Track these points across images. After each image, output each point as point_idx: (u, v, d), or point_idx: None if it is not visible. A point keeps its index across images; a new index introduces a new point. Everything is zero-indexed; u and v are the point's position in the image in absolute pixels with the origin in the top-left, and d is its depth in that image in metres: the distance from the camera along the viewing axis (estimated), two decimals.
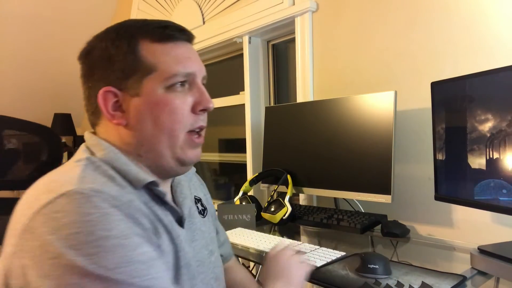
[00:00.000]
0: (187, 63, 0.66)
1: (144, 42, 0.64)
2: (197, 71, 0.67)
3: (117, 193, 0.56)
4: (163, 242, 0.61)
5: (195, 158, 0.69)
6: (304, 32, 1.68)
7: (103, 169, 0.61)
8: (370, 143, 1.29)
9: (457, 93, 1.03)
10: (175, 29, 0.66)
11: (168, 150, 0.65)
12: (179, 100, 0.65)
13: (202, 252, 0.73)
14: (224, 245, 0.91)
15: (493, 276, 0.91)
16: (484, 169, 0.96)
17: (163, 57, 0.64)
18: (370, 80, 1.47)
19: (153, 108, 0.63)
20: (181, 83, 0.65)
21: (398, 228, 1.23)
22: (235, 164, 2.31)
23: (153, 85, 0.63)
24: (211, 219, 0.84)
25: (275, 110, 1.69)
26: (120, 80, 0.63)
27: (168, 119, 0.64)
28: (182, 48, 0.67)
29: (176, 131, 0.65)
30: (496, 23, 1.15)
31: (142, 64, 0.63)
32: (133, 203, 0.58)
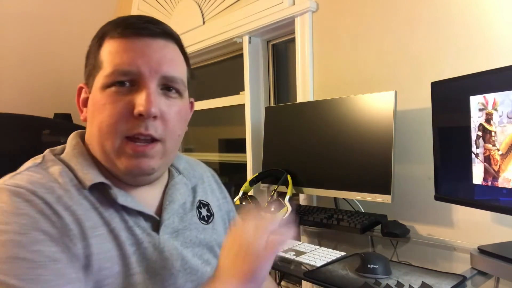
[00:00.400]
0: (131, 61, 0.59)
1: (108, 39, 0.62)
2: (145, 71, 0.60)
3: (40, 188, 0.56)
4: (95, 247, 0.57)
5: (136, 170, 0.61)
6: (304, 32, 1.68)
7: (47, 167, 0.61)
8: (370, 143, 1.29)
9: (457, 93, 1.03)
10: (136, 23, 0.62)
11: (108, 155, 0.61)
12: (116, 100, 0.59)
13: (194, 260, 0.68)
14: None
15: (493, 276, 0.91)
16: (484, 169, 0.96)
17: (111, 54, 0.61)
18: (370, 80, 1.47)
19: (94, 107, 0.62)
20: (121, 82, 0.60)
21: (398, 228, 1.23)
22: (235, 164, 2.30)
23: (97, 83, 0.61)
24: (220, 226, 0.78)
25: (275, 110, 1.69)
26: (88, 77, 0.65)
27: (101, 120, 0.60)
28: (137, 44, 0.61)
29: (110, 134, 0.60)
30: (496, 23, 1.15)
31: (97, 61, 0.62)
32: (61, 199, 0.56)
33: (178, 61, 0.65)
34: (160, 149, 0.62)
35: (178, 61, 0.65)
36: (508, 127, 0.91)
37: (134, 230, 0.62)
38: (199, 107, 2.37)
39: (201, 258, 0.70)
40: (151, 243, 0.63)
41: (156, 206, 0.69)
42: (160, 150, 0.62)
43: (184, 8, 2.33)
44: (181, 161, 0.78)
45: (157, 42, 0.62)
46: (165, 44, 0.63)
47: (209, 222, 0.75)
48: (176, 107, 0.64)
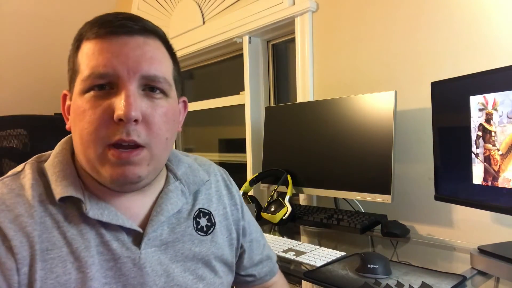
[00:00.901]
0: (105, 63, 0.55)
1: (85, 41, 0.58)
2: (122, 72, 0.55)
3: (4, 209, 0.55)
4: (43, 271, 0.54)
5: (122, 178, 0.56)
6: (304, 32, 1.68)
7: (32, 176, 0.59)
8: (370, 143, 1.29)
9: (457, 93, 1.03)
10: (111, 22, 0.57)
11: (91, 163, 0.57)
12: (93, 105, 0.55)
13: (184, 276, 0.64)
14: (259, 265, 0.81)
15: (493, 276, 0.91)
16: (484, 169, 0.96)
17: (86, 57, 0.56)
18: (370, 80, 1.47)
19: (74, 114, 0.58)
20: (100, 86, 0.55)
21: (398, 228, 1.23)
22: (235, 164, 2.30)
23: (76, 89, 0.57)
24: (223, 238, 0.73)
25: (275, 110, 1.69)
26: (69, 83, 0.61)
27: (82, 128, 0.56)
28: (114, 43, 0.56)
29: (91, 142, 0.55)
30: (496, 23, 1.15)
31: (75, 66, 0.59)
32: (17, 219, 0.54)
33: (161, 59, 0.59)
34: (146, 155, 0.57)
35: (161, 58, 0.59)
36: (508, 127, 0.90)
37: (110, 244, 0.58)
38: (199, 107, 2.37)
39: (193, 273, 0.66)
40: (129, 258, 0.59)
41: (144, 216, 0.64)
42: (147, 156, 0.57)
43: (184, 8, 2.33)
44: (181, 166, 0.72)
45: (135, 40, 0.57)
46: (145, 42, 0.57)
47: (208, 233, 0.70)
48: (162, 108, 0.58)
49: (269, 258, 0.84)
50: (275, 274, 0.85)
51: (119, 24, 0.56)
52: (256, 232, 0.82)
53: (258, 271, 0.81)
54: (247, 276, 0.81)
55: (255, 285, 0.82)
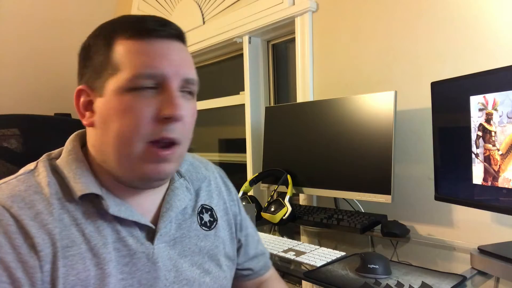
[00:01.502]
0: (157, 63, 0.57)
1: (121, 38, 0.58)
2: (170, 73, 0.58)
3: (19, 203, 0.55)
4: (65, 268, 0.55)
5: (155, 176, 0.60)
6: (304, 32, 1.68)
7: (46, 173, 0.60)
8: (370, 143, 1.29)
9: (457, 93, 1.03)
10: (153, 23, 0.59)
11: (126, 161, 0.58)
12: (140, 104, 0.57)
13: (192, 270, 0.66)
14: (254, 259, 0.83)
15: (493, 276, 0.91)
16: (484, 169, 0.96)
17: (131, 56, 0.57)
18: (370, 80, 1.47)
19: (112, 111, 0.58)
20: (149, 87, 0.57)
21: (398, 228, 1.23)
22: (235, 164, 2.30)
23: (115, 86, 0.57)
24: (225, 232, 0.75)
25: (275, 110, 1.69)
26: (93, 79, 0.60)
27: (123, 125, 0.57)
28: (157, 45, 0.58)
29: (132, 140, 0.57)
30: (496, 23, 1.15)
31: (110, 62, 0.58)
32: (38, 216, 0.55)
33: (192, 63, 0.64)
34: (178, 152, 0.61)
35: (193, 63, 0.64)
36: (508, 127, 0.90)
37: (126, 240, 0.60)
38: (199, 107, 2.35)
39: (200, 268, 0.68)
40: (144, 253, 0.61)
41: (154, 212, 0.66)
42: (177, 154, 0.61)
43: (184, 8, 2.33)
44: (184, 163, 0.74)
45: (175, 44, 0.60)
46: (181, 47, 0.62)
47: (212, 228, 0.72)
48: (192, 109, 0.63)
49: (263, 253, 0.86)
50: (269, 269, 0.87)
51: (160, 28, 0.59)
52: (251, 227, 0.85)
53: (254, 265, 0.83)
54: (244, 270, 0.82)
55: (251, 279, 0.84)
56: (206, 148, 2.54)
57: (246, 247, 0.81)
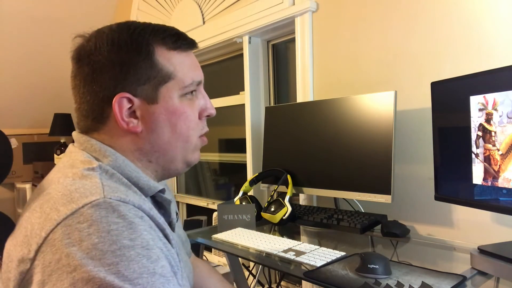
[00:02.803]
0: (198, 72, 0.70)
1: (160, 49, 0.65)
2: (203, 79, 0.72)
3: (139, 202, 0.55)
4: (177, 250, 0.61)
5: (198, 159, 0.74)
6: (304, 32, 1.68)
7: (117, 177, 0.60)
8: (370, 143, 1.29)
9: (457, 93, 1.03)
10: (186, 38, 0.69)
11: (181, 155, 0.69)
12: (190, 107, 0.68)
13: (184, 254, 0.77)
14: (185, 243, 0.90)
15: (493, 276, 0.91)
16: (484, 169, 0.96)
17: (179, 66, 0.67)
18: (370, 80, 1.47)
19: (171, 115, 0.66)
20: (191, 92, 0.69)
21: (398, 228, 1.23)
22: (235, 164, 2.30)
23: (170, 93, 0.65)
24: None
25: (275, 110, 1.69)
26: (136, 86, 0.62)
27: (184, 126, 0.67)
28: (191, 57, 0.70)
29: (191, 137, 0.69)
30: (496, 23, 1.15)
31: (160, 71, 0.64)
32: (152, 212, 0.57)
33: None
34: None
35: None
36: (508, 127, 0.91)
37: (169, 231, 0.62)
38: None
39: (187, 250, 0.84)
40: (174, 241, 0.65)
41: None
42: None
43: (184, 8, 2.33)
44: None
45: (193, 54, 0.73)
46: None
47: (178, 219, 0.81)
48: None
49: (187, 239, 0.91)
50: (191, 254, 0.95)
51: (192, 41, 0.70)
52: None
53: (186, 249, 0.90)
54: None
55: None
56: (206, 148, 2.54)
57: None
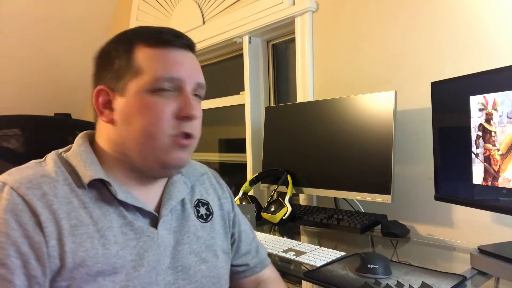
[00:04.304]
0: (174, 69, 0.66)
1: (140, 46, 0.67)
2: (186, 78, 0.67)
3: (27, 184, 0.60)
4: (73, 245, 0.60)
5: (178, 162, 0.68)
6: (304, 32, 1.68)
7: (54, 163, 0.65)
8: (370, 143, 1.29)
9: (457, 93, 1.03)
10: (170, 35, 0.68)
11: (150, 152, 0.66)
12: (161, 104, 0.65)
13: (189, 258, 0.72)
14: (248, 255, 0.86)
15: (493, 276, 0.91)
16: (484, 169, 0.96)
17: (151, 61, 0.66)
18: (370, 80, 1.47)
19: (136, 110, 0.65)
20: (168, 90, 0.66)
21: (398, 228, 1.23)
22: (235, 164, 2.30)
23: (137, 88, 0.65)
24: (220, 226, 0.81)
25: (275, 110, 1.69)
26: (114, 81, 0.67)
27: (146, 122, 0.65)
28: (173, 54, 0.68)
29: (158, 135, 0.65)
30: (496, 23, 1.15)
31: (132, 67, 0.65)
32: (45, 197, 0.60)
33: (201, 71, 0.73)
34: (193, 144, 0.70)
35: (201, 70, 0.73)
36: (508, 127, 0.91)
37: (134, 224, 0.66)
38: None
39: (198, 256, 0.73)
40: (150, 237, 0.67)
41: (156, 202, 0.73)
42: (193, 146, 0.70)
43: (184, 8, 2.33)
44: None
45: (189, 54, 0.70)
46: (193, 56, 0.71)
47: (208, 221, 0.78)
48: (201, 110, 0.71)
49: (258, 250, 0.89)
50: (266, 267, 0.89)
51: (177, 39, 0.68)
52: (245, 224, 0.89)
53: (248, 260, 0.86)
54: (239, 266, 0.85)
55: (247, 276, 0.86)
56: (206, 148, 2.54)
57: (239, 242, 0.85)
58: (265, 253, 0.91)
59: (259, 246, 0.90)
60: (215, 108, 2.31)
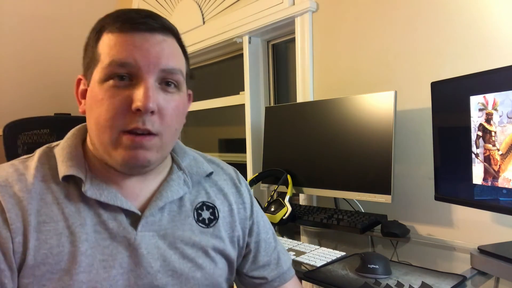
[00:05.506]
0: (129, 54, 0.59)
1: (106, 33, 0.62)
2: (143, 64, 0.59)
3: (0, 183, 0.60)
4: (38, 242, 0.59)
5: (133, 161, 0.60)
6: (304, 32, 1.68)
7: (38, 159, 0.65)
8: (370, 143, 1.29)
9: (457, 93, 1.03)
10: (135, 17, 0.61)
11: (104, 147, 0.61)
12: (112, 95, 0.59)
13: (181, 263, 0.66)
14: (266, 268, 0.79)
15: (493, 276, 0.91)
16: (484, 169, 0.96)
17: (108, 48, 0.60)
18: (370, 80, 1.47)
19: (91, 101, 0.62)
20: (121, 76, 0.59)
21: (398, 228, 1.23)
22: (235, 164, 2.29)
23: (95, 76, 0.61)
24: (225, 233, 0.73)
25: (275, 110, 1.69)
26: (86, 70, 0.65)
27: (98, 114, 0.60)
28: (135, 38, 0.60)
29: (106, 128, 0.59)
30: (496, 22, 1.15)
31: (95, 54, 0.62)
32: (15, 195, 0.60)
33: (176, 54, 0.64)
34: (157, 142, 0.62)
35: (176, 53, 0.64)
36: (508, 127, 0.91)
37: (107, 224, 0.63)
38: (199, 107, 2.36)
39: (192, 261, 0.68)
40: (125, 237, 0.63)
41: (145, 200, 0.67)
42: (157, 144, 0.62)
43: (184, 8, 2.33)
44: (186, 158, 0.76)
45: (155, 37, 0.61)
46: (163, 39, 0.62)
47: (210, 226, 0.72)
48: (174, 102, 0.63)
49: (278, 262, 0.80)
50: (286, 281, 0.80)
51: (141, 21, 0.61)
52: (265, 233, 0.80)
53: (266, 274, 0.78)
54: (256, 278, 0.78)
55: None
56: (206, 148, 2.54)
57: (256, 253, 0.78)
58: (287, 264, 0.82)
59: (280, 257, 0.81)
60: (215, 108, 2.31)
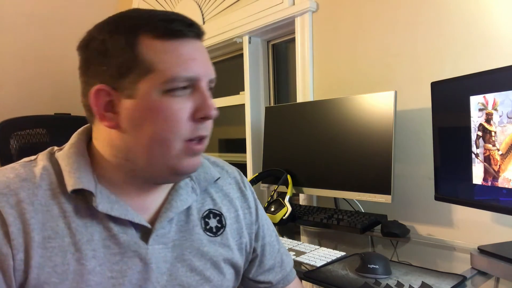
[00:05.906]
0: (191, 65, 0.57)
1: (145, 37, 0.56)
2: (202, 75, 0.59)
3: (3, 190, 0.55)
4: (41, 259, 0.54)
5: (191, 169, 0.61)
6: (304, 32, 1.68)
7: (42, 165, 0.60)
8: (370, 143, 1.29)
9: (457, 93, 1.03)
10: (182, 24, 0.58)
11: (160, 159, 0.58)
12: (176, 106, 0.57)
13: (189, 276, 0.64)
14: (272, 271, 0.78)
15: (493, 276, 0.91)
16: (484, 169, 0.96)
17: (163, 57, 0.56)
18: (370, 80, 1.47)
19: (147, 113, 0.56)
20: (182, 88, 0.57)
21: (398, 228, 1.23)
22: (235, 164, 2.29)
23: (149, 88, 0.56)
24: (233, 241, 0.71)
25: (275, 110, 1.69)
26: (115, 79, 0.56)
27: (161, 127, 0.56)
28: (187, 46, 0.58)
29: (170, 140, 0.57)
30: (496, 23, 1.15)
31: (140, 62, 0.55)
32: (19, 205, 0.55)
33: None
34: (205, 146, 0.63)
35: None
36: (508, 127, 0.91)
37: (118, 238, 0.59)
38: None
39: (200, 274, 0.65)
40: (136, 252, 0.60)
41: (154, 211, 0.65)
42: (205, 147, 0.63)
43: (184, 8, 2.33)
44: None
45: (199, 44, 0.61)
46: (204, 47, 0.62)
47: (218, 235, 0.69)
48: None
49: (281, 264, 0.80)
50: (289, 283, 0.80)
51: (189, 29, 0.59)
52: (270, 236, 0.79)
53: (272, 278, 0.78)
54: (260, 283, 0.77)
55: None
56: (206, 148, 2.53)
57: (262, 257, 0.77)
58: (290, 265, 0.82)
59: (283, 259, 0.81)
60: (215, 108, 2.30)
